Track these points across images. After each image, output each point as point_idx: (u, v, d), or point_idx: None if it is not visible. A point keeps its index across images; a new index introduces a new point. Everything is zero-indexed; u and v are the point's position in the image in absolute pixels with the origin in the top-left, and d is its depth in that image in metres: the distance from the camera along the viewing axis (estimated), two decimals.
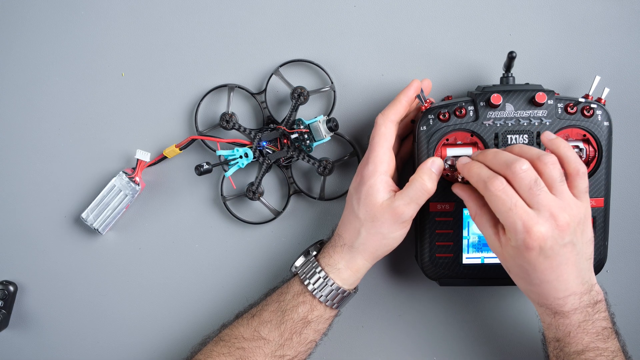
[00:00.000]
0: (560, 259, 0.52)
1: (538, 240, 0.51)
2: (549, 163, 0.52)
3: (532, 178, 0.52)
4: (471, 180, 0.55)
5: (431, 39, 0.67)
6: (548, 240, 0.51)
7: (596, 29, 0.66)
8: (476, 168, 0.55)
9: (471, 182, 0.55)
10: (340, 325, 0.70)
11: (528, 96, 0.59)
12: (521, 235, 0.51)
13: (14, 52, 0.70)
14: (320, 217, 0.71)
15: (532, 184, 0.51)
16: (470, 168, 0.55)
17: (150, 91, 0.70)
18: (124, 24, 0.69)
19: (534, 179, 0.52)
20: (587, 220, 0.54)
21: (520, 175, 0.52)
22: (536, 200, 0.51)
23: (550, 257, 0.52)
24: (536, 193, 0.51)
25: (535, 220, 0.51)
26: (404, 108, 0.60)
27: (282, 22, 0.68)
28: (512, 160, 0.52)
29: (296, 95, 0.66)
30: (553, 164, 0.52)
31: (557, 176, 0.52)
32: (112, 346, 0.74)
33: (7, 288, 0.71)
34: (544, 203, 0.51)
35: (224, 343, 0.62)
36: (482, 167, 0.54)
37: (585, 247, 0.54)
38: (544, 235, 0.51)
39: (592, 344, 0.54)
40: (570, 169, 0.53)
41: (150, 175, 0.71)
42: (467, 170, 0.56)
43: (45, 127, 0.71)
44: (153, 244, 0.72)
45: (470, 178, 0.55)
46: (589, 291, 0.55)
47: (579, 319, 0.54)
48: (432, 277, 0.64)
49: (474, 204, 0.56)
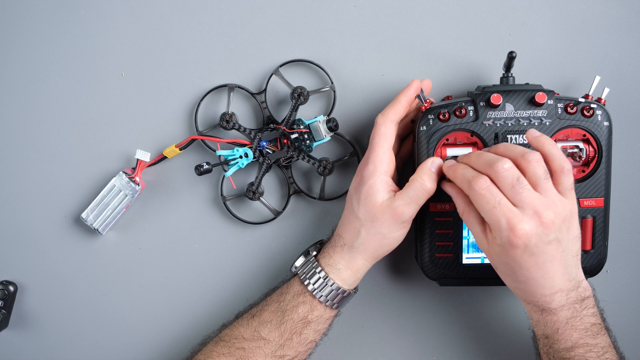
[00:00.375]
0: (545, 256, 0.52)
1: (522, 237, 0.51)
2: (533, 161, 0.52)
3: (515, 176, 0.52)
4: (457, 182, 0.55)
5: (431, 39, 0.67)
6: (532, 237, 0.51)
7: (596, 29, 0.66)
8: (461, 169, 0.55)
9: (457, 183, 0.55)
10: (340, 325, 0.70)
11: (528, 96, 0.59)
12: (505, 233, 0.51)
13: (14, 52, 0.70)
14: (320, 217, 0.71)
15: (514, 182, 0.51)
16: (455, 169, 0.56)
17: (150, 91, 0.70)
18: (124, 24, 0.69)
19: (516, 177, 0.52)
20: (573, 218, 0.54)
21: (503, 174, 0.52)
22: (519, 199, 0.51)
23: (535, 254, 0.52)
24: (519, 191, 0.51)
25: (519, 218, 0.51)
26: (404, 108, 0.60)
27: (282, 22, 0.68)
28: (494, 159, 0.53)
29: (296, 95, 0.66)
30: (537, 161, 0.52)
31: (541, 173, 0.52)
32: (112, 346, 0.74)
33: (7, 288, 0.71)
34: (528, 201, 0.51)
35: (224, 343, 0.62)
36: (467, 168, 0.55)
37: (572, 244, 0.54)
38: (528, 233, 0.51)
39: (582, 340, 0.54)
40: (555, 166, 0.53)
41: (150, 175, 0.71)
42: (453, 172, 0.56)
43: (45, 127, 0.71)
44: (153, 244, 0.72)
45: (456, 179, 0.55)
46: (576, 288, 0.55)
47: (567, 315, 0.54)
48: (432, 277, 0.64)
49: (462, 201, 0.56)
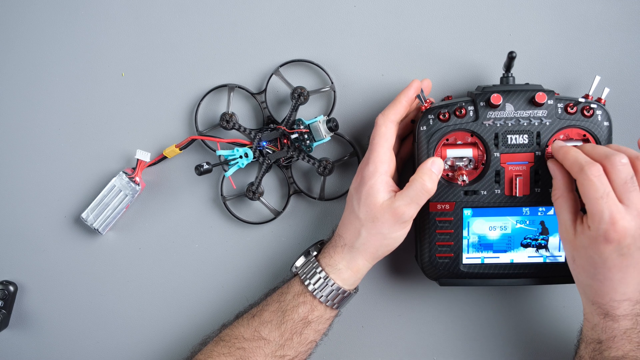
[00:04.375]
0: (631, 260, 0.52)
1: (619, 234, 0.51)
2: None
3: (629, 173, 0.52)
4: (566, 162, 0.55)
5: (431, 39, 0.67)
6: (628, 237, 0.51)
7: (596, 29, 0.66)
8: (574, 152, 0.55)
9: (566, 164, 0.55)
10: (340, 325, 0.70)
11: (528, 96, 0.59)
12: (604, 226, 0.51)
13: (14, 52, 0.70)
14: (320, 217, 0.71)
15: (627, 178, 0.52)
16: (568, 151, 0.55)
17: (150, 91, 0.70)
18: (124, 24, 0.69)
19: (630, 175, 0.52)
20: None
21: (619, 167, 0.52)
22: (628, 196, 0.51)
23: (624, 255, 0.52)
24: (629, 189, 0.51)
25: (623, 215, 0.51)
26: (404, 108, 0.60)
27: (282, 22, 0.68)
28: (611, 152, 0.53)
29: (296, 95, 0.66)
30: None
31: None
32: (112, 346, 0.74)
33: (7, 288, 0.71)
34: (635, 201, 0.51)
35: (224, 343, 0.62)
36: (580, 152, 0.55)
37: None
38: (627, 231, 0.51)
39: (632, 352, 0.54)
40: None
41: (150, 175, 0.71)
42: (564, 153, 0.56)
43: (45, 127, 0.71)
44: (153, 244, 0.72)
45: (566, 160, 0.55)
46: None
47: (627, 325, 0.54)
48: (432, 277, 0.64)
49: (562, 184, 0.56)
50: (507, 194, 0.60)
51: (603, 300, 0.54)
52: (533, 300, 0.70)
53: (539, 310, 0.70)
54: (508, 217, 0.61)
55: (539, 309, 0.70)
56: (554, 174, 0.57)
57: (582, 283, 0.56)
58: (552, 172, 0.57)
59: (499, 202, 0.60)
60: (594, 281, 0.54)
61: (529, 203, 0.60)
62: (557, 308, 0.69)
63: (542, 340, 0.70)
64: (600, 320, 0.55)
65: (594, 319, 0.56)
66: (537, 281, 0.63)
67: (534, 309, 0.70)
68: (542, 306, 0.70)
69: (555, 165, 0.57)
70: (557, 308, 0.69)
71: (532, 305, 0.70)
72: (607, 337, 0.55)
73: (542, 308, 0.70)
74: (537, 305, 0.70)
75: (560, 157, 0.56)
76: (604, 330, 0.55)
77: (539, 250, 0.62)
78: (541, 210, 0.61)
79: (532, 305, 0.70)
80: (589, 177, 0.52)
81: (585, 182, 0.52)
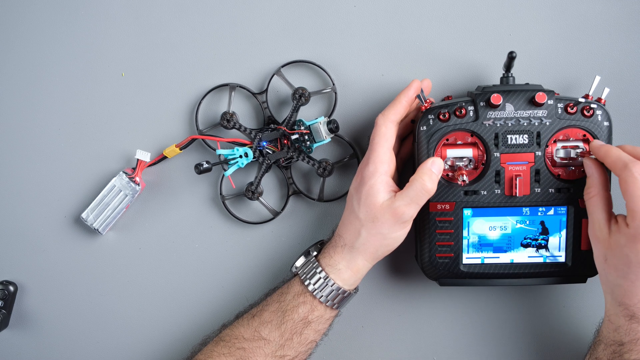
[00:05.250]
0: None
1: None
2: None
3: None
4: (608, 160, 0.55)
5: (431, 39, 0.67)
6: None
7: (596, 29, 0.66)
8: (616, 150, 0.55)
9: (607, 161, 0.55)
10: (341, 325, 0.70)
11: (528, 96, 0.59)
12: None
13: (14, 52, 0.70)
14: (320, 218, 0.71)
15: None
16: (610, 149, 0.55)
17: (150, 91, 0.70)
18: (124, 24, 0.69)
19: None
20: None
21: None
22: None
23: None
24: None
25: None
26: (404, 108, 0.60)
27: (282, 22, 0.68)
28: None
29: (297, 96, 0.66)
30: None
31: None
32: (112, 346, 0.74)
33: (7, 288, 0.71)
34: None
35: (225, 343, 0.62)
36: (622, 151, 0.55)
37: None
38: None
39: None
40: None
41: (150, 175, 0.71)
42: (606, 151, 0.56)
43: (45, 127, 0.71)
44: (153, 244, 0.72)
45: (608, 158, 0.55)
46: None
47: None
48: (432, 277, 0.64)
49: (599, 182, 0.56)
50: (507, 194, 0.60)
51: (631, 302, 0.54)
52: (533, 300, 0.70)
53: (538, 311, 0.70)
54: (508, 217, 0.61)
55: (539, 309, 0.70)
56: (590, 172, 0.57)
57: (611, 283, 0.56)
58: (588, 170, 0.57)
59: (499, 202, 0.60)
60: (625, 280, 0.54)
61: (529, 203, 0.60)
62: (557, 308, 0.69)
63: (542, 340, 0.70)
64: (625, 322, 0.55)
65: (618, 320, 0.56)
66: (537, 281, 0.63)
67: (534, 309, 0.70)
68: (542, 306, 0.70)
69: (593, 163, 0.57)
70: (557, 308, 0.69)
71: (532, 306, 0.70)
72: (630, 339, 0.54)
73: (542, 308, 0.70)
74: (537, 305, 0.70)
75: (602, 155, 0.56)
76: (628, 332, 0.55)
77: (539, 250, 0.62)
78: (541, 210, 0.61)
79: (532, 306, 0.70)
80: (634, 175, 0.52)
81: (630, 179, 0.52)
